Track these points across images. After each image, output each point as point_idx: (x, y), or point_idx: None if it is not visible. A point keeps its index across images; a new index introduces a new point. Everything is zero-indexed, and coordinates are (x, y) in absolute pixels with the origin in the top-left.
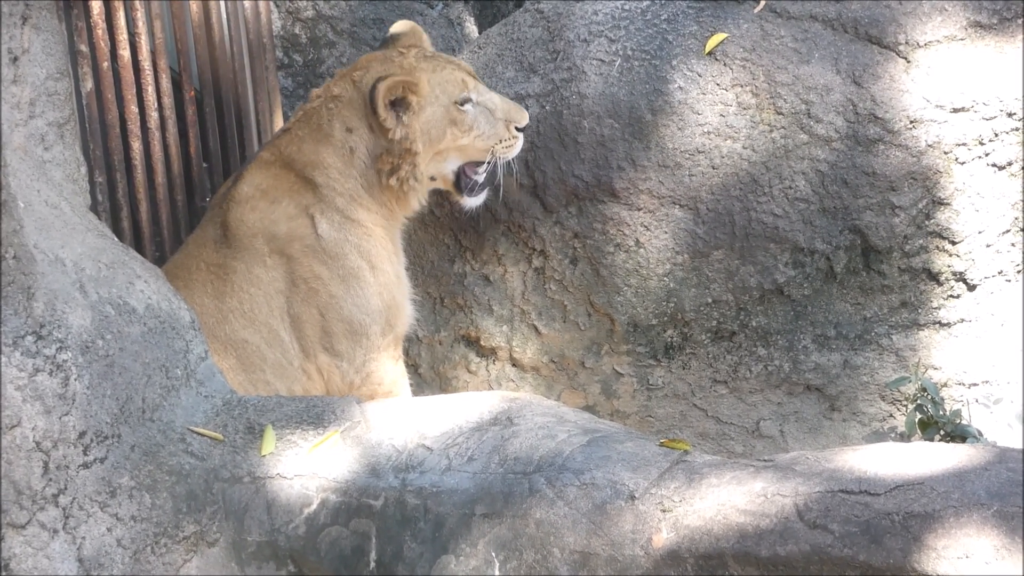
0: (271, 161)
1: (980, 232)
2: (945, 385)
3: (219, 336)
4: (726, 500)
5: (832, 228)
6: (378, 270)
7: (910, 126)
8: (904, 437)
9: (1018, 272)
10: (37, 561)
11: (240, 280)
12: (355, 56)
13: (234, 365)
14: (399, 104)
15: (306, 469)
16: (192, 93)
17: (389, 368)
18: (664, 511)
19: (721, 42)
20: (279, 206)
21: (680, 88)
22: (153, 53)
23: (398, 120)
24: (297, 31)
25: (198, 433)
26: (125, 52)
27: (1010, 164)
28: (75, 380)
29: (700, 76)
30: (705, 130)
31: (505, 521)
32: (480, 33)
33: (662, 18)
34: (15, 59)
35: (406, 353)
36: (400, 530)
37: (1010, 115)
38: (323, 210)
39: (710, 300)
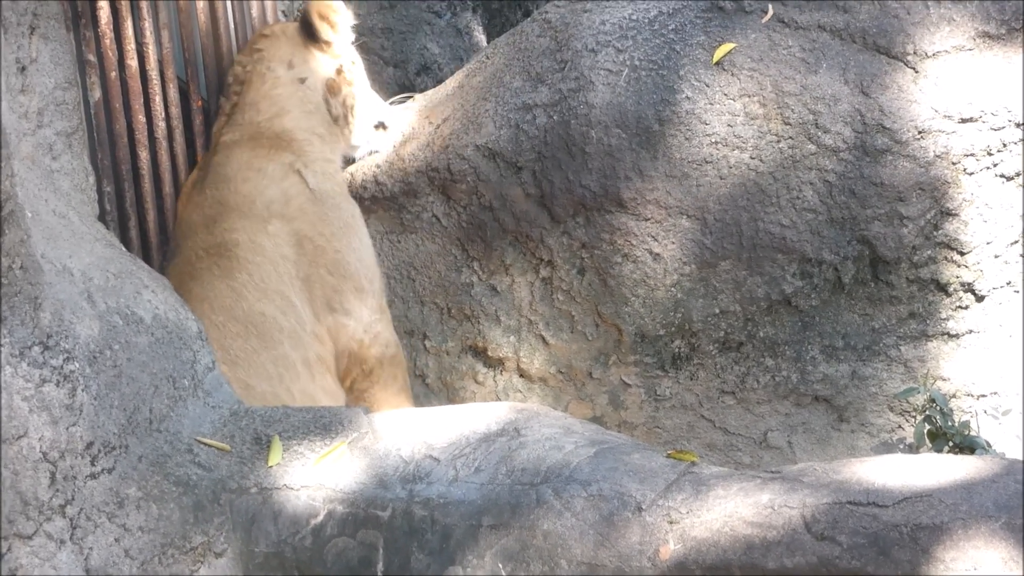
0: (238, 139)
1: (988, 243)
2: (954, 396)
3: (238, 316)
4: (733, 512)
5: (840, 239)
6: (359, 214)
7: (918, 136)
8: (912, 448)
9: None
10: (44, 572)
11: (244, 252)
12: (364, 65)
13: (256, 346)
14: (326, 19)
15: (313, 480)
16: (200, 103)
17: (391, 332)
18: (671, 523)
19: (729, 52)
20: (265, 172)
21: (688, 98)
22: (161, 63)
23: (332, 28)
24: None
25: (205, 444)
26: (133, 62)
27: (1018, 175)
28: (82, 390)
29: (708, 86)
30: (713, 140)
31: (512, 532)
32: (488, 43)
33: (670, 28)
34: (23, 69)
35: (412, 363)
36: (407, 541)
37: (1018, 125)
38: (306, 162)
39: (718, 311)
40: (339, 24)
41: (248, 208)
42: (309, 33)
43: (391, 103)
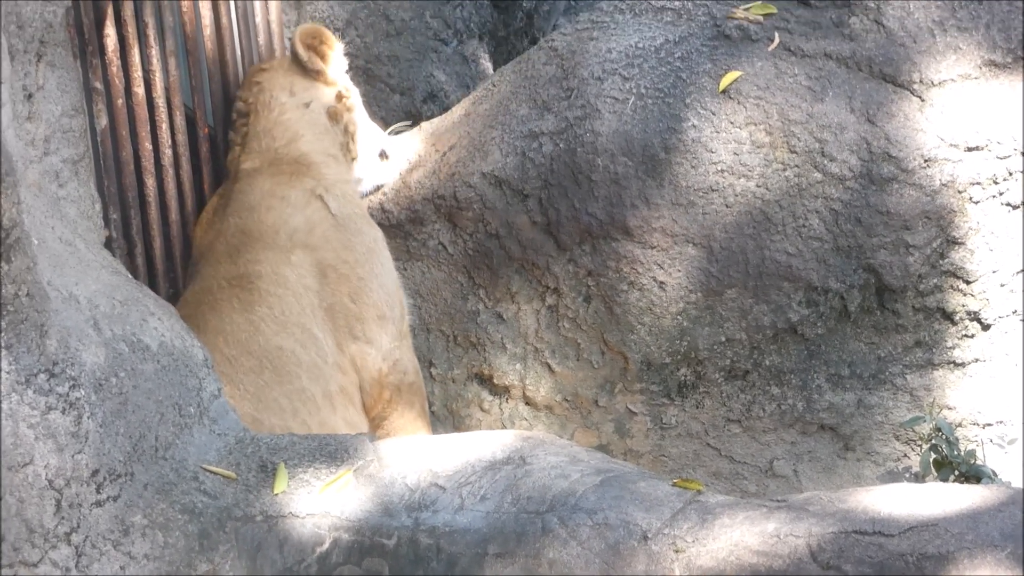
0: (258, 166)
1: (994, 271)
2: (959, 425)
3: (252, 351)
4: (739, 540)
5: (846, 267)
6: (381, 236)
7: (924, 165)
8: (918, 477)
9: None
10: None
11: (267, 284)
12: (370, 93)
13: (269, 380)
14: (314, 50)
15: (318, 508)
16: (207, 130)
17: (412, 359)
18: (677, 551)
19: (735, 80)
20: (289, 200)
21: (694, 126)
22: (167, 90)
23: (321, 57)
24: None
25: (211, 471)
26: (140, 89)
27: None
28: (88, 418)
29: (714, 114)
30: (719, 168)
31: (518, 561)
32: (495, 70)
33: (676, 56)
34: (30, 96)
35: None
36: (413, 569)
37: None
38: (327, 186)
39: (724, 339)
40: (327, 52)
41: (272, 239)
42: (300, 63)
43: (390, 132)
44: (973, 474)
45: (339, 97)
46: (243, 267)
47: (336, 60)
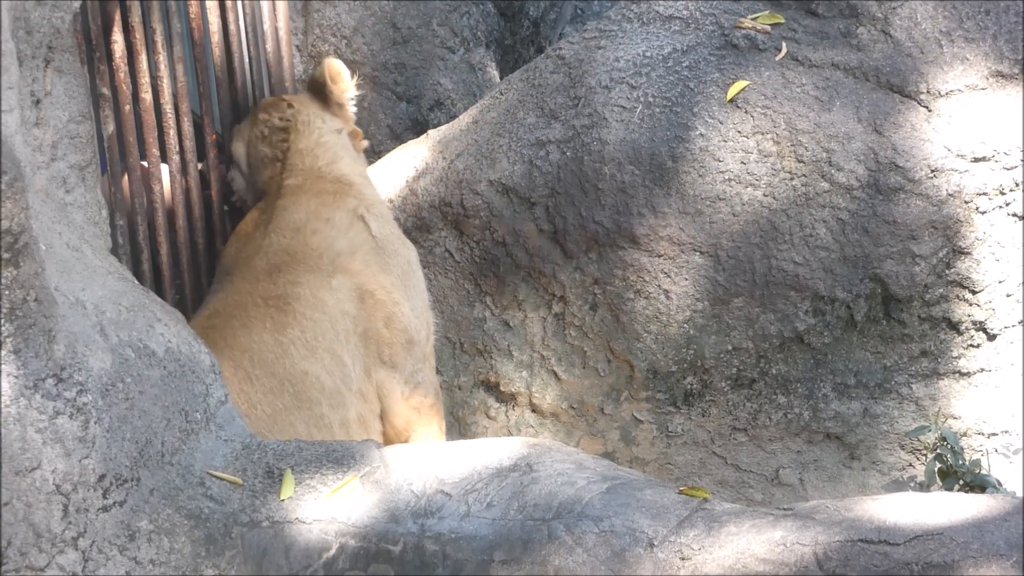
0: (301, 183)
1: (1000, 282)
2: (965, 435)
3: (277, 372)
4: (745, 548)
5: (852, 276)
6: (415, 257)
7: (931, 175)
8: (923, 487)
9: None
10: None
11: (303, 307)
12: (377, 100)
13: (288, 404)
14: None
15: (325, 514)
16: (214, 137)
17: (433, 379)
18: (683, 559)
19: (743, 89)
20: (333, 223)
21: (701, 135)
22: (175, 97)
23: (344, 91)
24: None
25: (217, 477)
26: (147, 95)
27: None
28: (95, 423)
29: (721, 123)
30: (726, 177)
31: (524, 568)
32: (502, 79)
33: (684, 65)
34: (38, 102)
35: None
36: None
37: None
38: (367, 206)
39: (730, 347)
40: (345, 91)
41: (316, 262)
42: (321, 96)
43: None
44: (978, 483)
45: (355, 135)
46: (282, 288)
47: (352, 95)
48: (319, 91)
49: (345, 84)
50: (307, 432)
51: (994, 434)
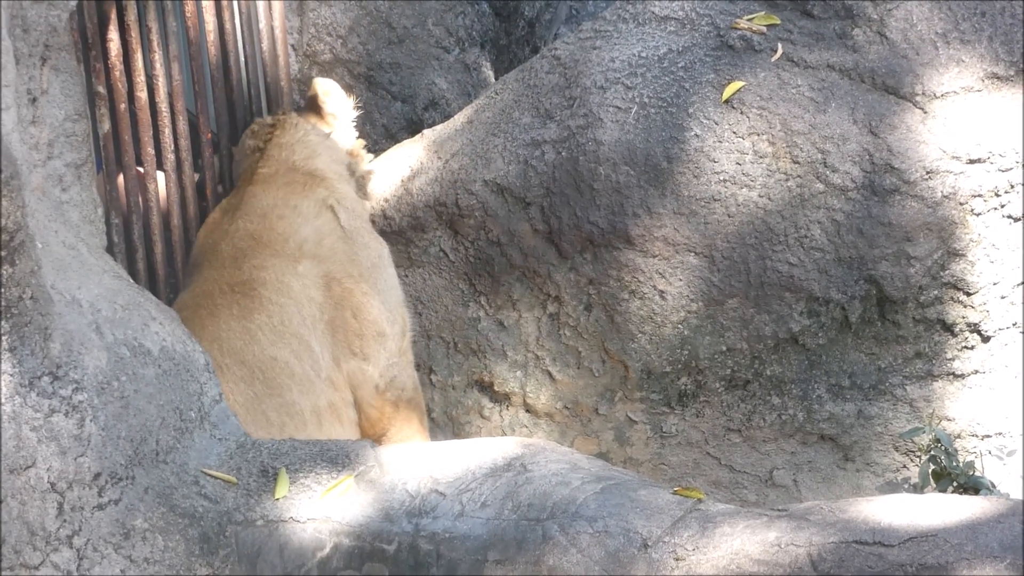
0: (273, 173)
1: (995, 284)
2: (959, 436)
3: (247, 360)
4: (740, 549)
5: (847, 278)
6: (387, 252)
7: (926, 177)
8: (917, 488)
9: None
10: None
11: (269, 292)
12: (372, 99)
13: (260, 392)
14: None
15: (319, 513)
16: (209, 135)
17: (412, 374)
18: (677, 559)
19: (738, 90)
20: (300, 210)
21: (696, 136)
22: (171, 95)
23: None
24: (315, 75)
25: (212, 476)
26: (143, 94)
27: None
28: (90, 421)
29: (717, 124)
30: (721, 178)
31: (518, 568)
32: (497, 79)
33: (679, 66)
34: (34, 100)
35: None
36: (413, 575)
37: None
38: (338, 198)
39: (724, 348)
40: (343, 103)
41: (281, 246)
42: (317, 111)
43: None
44: (972, 485)
45: (353, 154)
46: (247, 273)
47: (348, 111)
48: (316, 107)
49: (336, 98)
50: (279, 420)
51: (988, 436)
